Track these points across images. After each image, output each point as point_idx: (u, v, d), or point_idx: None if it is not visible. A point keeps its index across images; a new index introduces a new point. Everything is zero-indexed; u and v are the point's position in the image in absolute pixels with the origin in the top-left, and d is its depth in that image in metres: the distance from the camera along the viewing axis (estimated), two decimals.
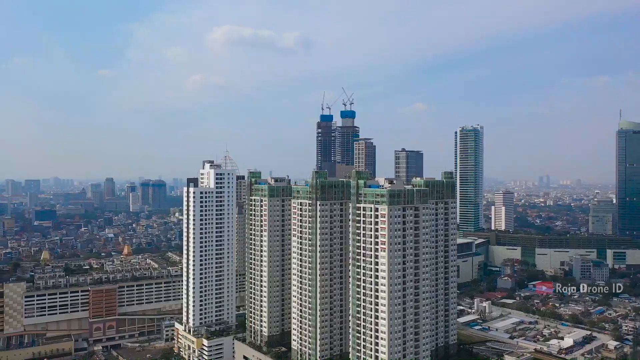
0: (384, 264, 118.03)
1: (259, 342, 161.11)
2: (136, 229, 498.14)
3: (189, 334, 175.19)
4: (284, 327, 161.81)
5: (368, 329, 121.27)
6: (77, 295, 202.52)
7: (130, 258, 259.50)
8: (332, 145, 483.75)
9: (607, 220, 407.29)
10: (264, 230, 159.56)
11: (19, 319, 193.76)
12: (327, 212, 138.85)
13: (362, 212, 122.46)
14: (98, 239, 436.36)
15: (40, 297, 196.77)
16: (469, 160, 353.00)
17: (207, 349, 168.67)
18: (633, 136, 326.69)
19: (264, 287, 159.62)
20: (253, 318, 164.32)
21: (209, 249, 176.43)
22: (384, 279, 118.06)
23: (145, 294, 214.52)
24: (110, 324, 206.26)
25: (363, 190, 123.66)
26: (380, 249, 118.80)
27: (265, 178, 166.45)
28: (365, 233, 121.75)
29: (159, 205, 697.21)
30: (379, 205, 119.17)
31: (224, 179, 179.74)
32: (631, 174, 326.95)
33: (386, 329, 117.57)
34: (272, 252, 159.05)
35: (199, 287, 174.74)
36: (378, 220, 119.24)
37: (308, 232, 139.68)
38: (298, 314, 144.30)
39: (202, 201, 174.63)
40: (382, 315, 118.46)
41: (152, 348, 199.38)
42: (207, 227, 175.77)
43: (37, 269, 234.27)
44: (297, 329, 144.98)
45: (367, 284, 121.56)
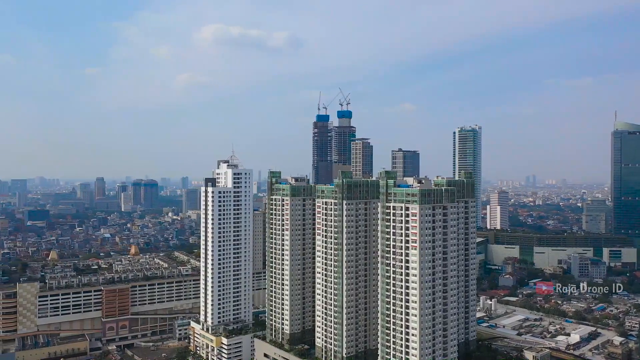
0: (414, 262, 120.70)
1: (280, 340, 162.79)
2: (131, 229, 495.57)
3: (207, 333, 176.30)
4: (305, 324, 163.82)
5: (398, 325, 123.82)
6: (90, 295, 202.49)
7: (137, 258, 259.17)
8: (328, 145, 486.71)
9: (601, 219, 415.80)
10: (286, 229, 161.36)
11: (32, 319, 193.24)
12: (352, 211, 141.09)
13: (392, 211, 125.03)
14: (95, 239, 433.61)
15: (54, 297, 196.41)
16: (468, 160, 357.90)
17: (227, 348, 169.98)
18: (628, 137, 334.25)
19: (286, 285, 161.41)
20: (274, 316, 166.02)
21: (227, 248, 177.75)
22: (414, 277, 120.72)
23: (157, 293, 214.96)
24: (123, 323, 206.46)
25: (393, 189, 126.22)
26: (412, 247, 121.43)
27: (285, 177, 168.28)
28: (395, 232, 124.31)
29: (150, 205, 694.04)
30: (410, 205, 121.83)
31: (241, 178, 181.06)
32: (627, 174, 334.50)
33: (417, 325, 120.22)
34: (293, 251, 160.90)
35: (217, 286, 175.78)
36: (409, 219, 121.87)
37: (334, 231, 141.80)
38: (322, 311, 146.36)
39: (221, 201, 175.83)
40: (413, 312, 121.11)
41: (166, 347, 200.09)
42: (225, 226, 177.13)
43: (47, 269, 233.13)
44: (321, 326, 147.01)
45: (397, 282, 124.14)
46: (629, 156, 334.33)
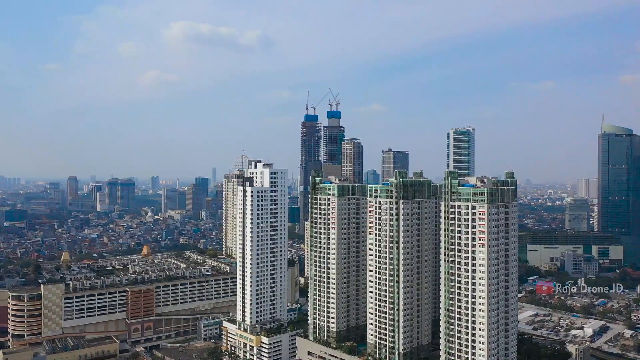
0: (482, 259, 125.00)
1: (326, 338, 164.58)
2: (115, 229, 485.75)
3: (245, 332, 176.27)
4: (349, 322, 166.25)
5: (464, 321, 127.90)
6: (115, 296, 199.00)
7: (150, 258, 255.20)
8: (317, 145, 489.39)
9: (583, 218, 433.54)
10: (332, 228, 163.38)
11: (57, 321, 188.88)
12: (409, 210, 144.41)
13: (458, 210, 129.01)
14: (81, 240, 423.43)
15: (79, 299, 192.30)
16: (463, 161, 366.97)
17: (267, 347, 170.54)
18: (615, 139, 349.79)
19: (332, 283, 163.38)
20: (318, 314, 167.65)
21: (265, 247, 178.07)
22: (482, 273, 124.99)
23: (180, 293, 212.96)
24: (148, 324, 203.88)
25: (457, 189, 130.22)
26: (479, 244, 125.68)
27: (331, 177, 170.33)
28: (461, 230, 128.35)
29: (127, 205, 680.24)
30: (477, 204, 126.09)
31: (277, 177, 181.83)
32: (613, 175, 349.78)
33: (485, 321, 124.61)
34: (340, 250, 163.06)
35: (256, 285, 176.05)
36: (475, 218, 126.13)
37: (390, 230, 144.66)
38: (375, 308, 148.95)
39: (259, 200, 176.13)
40: (481, 307, 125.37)
41: (193, 348, 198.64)
42: (263, 225, 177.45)
43: (63, 270, 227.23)
44: (374, 323, 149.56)
45: (462, 278, 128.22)
46: (615, 158, 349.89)
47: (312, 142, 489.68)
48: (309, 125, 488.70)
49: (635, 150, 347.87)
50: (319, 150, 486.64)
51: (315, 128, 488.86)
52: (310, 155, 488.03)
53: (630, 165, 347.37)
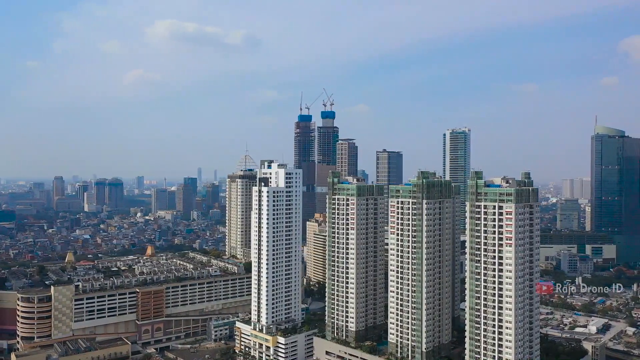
0: (509, 259, 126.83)
1: (344, 338, 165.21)
2: (107, 230, 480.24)
3: (261, 332, 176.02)
4: (367, 322, 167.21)
5: (490, 320, 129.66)
6: (125, 298, 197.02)
7: (154, 259, 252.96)
8: (310, 145, 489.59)
9: (574, 218, 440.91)
10: (351, 228, 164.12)
11: (68, 323, 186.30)
12: (431, 210, 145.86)
13: (484, 210, 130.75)
14: (74, 241, 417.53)
15: (90, 300, 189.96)
16: (459, 161, 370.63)
17: (284, 347, 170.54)
18: (608, 140, 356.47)
19: (351, 283, 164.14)
20: (336, 314, 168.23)
21: (280, 248, 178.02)
22: (509, 272, 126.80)
23: (189, 294, 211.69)
24: (158, 325, 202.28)
25: (484, 189, 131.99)
26: (506, 244, 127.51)
27: (349, 178, 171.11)
28: (487, 230, 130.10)
29: (116, 206, 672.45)
30: (504, 204, 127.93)
31: (292, 178, 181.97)
32: (606, 175, 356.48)
33: (512, 319, 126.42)
34: (359, 250, 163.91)
35: (272, 285, 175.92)
36: (502, 218, 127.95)
37: (412, 230, 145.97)
38: (397, 308, 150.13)
39: (275, 200, 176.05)
40: (508, 306, 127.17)
41: (204, 349, 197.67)
42: (278, 225, 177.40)
43: (70, 271, 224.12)
44: (395, 322, 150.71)
45: (488, 277, 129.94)
46: (608, 159, 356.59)
47: (306, 142, 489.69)
48: (303, 126, 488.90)
49: (627, 151, 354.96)
50: (313, 150, 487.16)
51: (309, 128, 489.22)
52: (304, 156, 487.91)
53: (622, 166, 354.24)
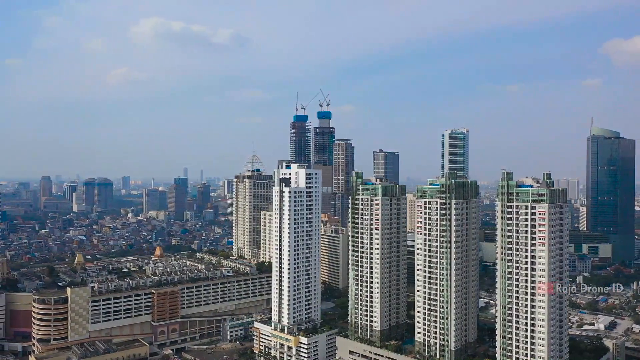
0: (542, 258, 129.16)
1: (368, 337, 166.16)
2: (101, 230, 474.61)
3: (282, 333, 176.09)
4: (391, 321, 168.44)
5: (522, 318, 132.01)
6: (141, 299, 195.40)
7: (163, 259, 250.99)
8: (307, 145, 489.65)
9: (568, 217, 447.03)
10: (376, 228, 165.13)
11: (84, 325, 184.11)
12: (459, 210, 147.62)
13: (516, 210, 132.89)
14: (69, 241, 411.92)
15: (106, 302, 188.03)
16: (458, 162, 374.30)
17: (306, 347, 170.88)
18: (604, 141, 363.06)
19: (376, 283, 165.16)
20: (359, 314, 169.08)
21: (301, 248, 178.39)
22: (542, 272, 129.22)
23: (203, 295, 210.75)
24: (174, 327, 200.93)
25: (516, 189, 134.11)
26: (539, 243, 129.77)
27: (368, 178, 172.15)
28: (519, 230, 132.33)
29: (105, 206, 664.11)
30: (537, 204, 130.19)
31: (312, 178, 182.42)
32: (602, 176, 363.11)
33: (545, 317, 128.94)
34: (384, 250, 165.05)
35: (294, 285, 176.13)
36: (535, 218, 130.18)
37: (441, 230, 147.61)
38: (424, 307, 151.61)
39: (296, 201, 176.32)
40: (541, 304, 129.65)
41: (221, 349, 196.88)
42: (299, 225, 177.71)
43: (81, 273, 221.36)
44: (422, 322, 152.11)
45: (520, 277, 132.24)
46: (604, 159, 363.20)
47: (302, 142, 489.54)
48: (299, 126, 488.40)
49: (622, 152, 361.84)
50: (309, 150, 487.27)
51: (305, 128, 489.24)
52: (300, 156, 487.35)
53: (617, 166, 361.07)
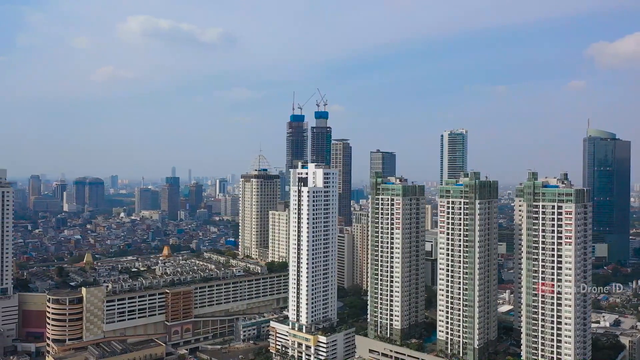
0: (569, 257, 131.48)
1: (389, 336, 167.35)
2: (96, 230, 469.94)
3: (301, 332, 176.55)
4: (410, 320, 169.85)
5: (548, 316, 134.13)
6: (155, 298, 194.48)
7: (171, 259, 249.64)
8: (304, 145, 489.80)
9: None
10: (397, 227, 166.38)
11: (99, 325, 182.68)
12: (483, 210, 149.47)
13: (542, 210, 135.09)
14: (66, 241, 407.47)
15: (121, 302, 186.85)
16: (457, 162, 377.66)
17: (325, 346, 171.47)
18: (600, 143, 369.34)
19: (396, 282, 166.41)
20: (380, 312, 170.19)
21: (319, 247, 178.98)
22: (569, 270, 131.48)
23: (215, 295, 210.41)
24: (187, 326, 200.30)
25: (542, 189, 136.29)
26: (565, 242, 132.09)
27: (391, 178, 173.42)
28: (546, 229, 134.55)
29: (96, 205, 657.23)
30: (563, 204, 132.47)
31: (329, 178, 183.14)
32: (598, 177, 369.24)
33: (572, 315, 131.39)
34: (404, 249, 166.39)
35: (312, 285, 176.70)
36: (562, 217, 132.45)
37: (464, 229, 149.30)
38: (447, 305, 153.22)
39: (315, 200, 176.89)
40: (567, 302, 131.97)
41: (235, 349, 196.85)
42: (317, 225, 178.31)
43: (92, 272, 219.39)
44: (444, 320, 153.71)
45: (546, 275, 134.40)
46: (600, 160, 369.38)
47: (299, 142, 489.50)
48: (296, 126, 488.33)
49: (617, 153, 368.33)
50: (306, 150, 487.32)
51: (302, 128, 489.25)
52: (297, 156, 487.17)
53: (613, 167, 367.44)
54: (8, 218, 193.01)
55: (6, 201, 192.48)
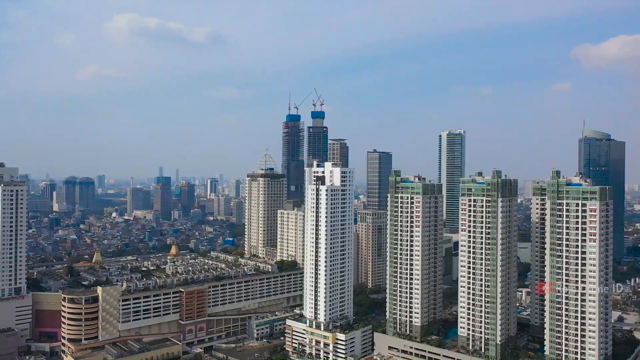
0: (593, 253, 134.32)
1: (408, 332, 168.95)
2: (91, 230, 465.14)
3: (319, 330, 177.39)
4: (429, 316, 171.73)
5: (572, 312, 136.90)
6: (169, 297, 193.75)
7: (179, 258, 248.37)
8: (299, 145, 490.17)
9: None
10: (417, 225, 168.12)
11: (115, 324, 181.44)
12: (504, 207, 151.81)
13: (566, 207, 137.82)
14: (62, 241, 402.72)
15: (136, 301, 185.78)
16: (456, 162, 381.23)
17: (344, 343, 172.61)
18: (596, 143, 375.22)
19: (416, 279, 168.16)
20: (399, 310, 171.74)
21: (336, 245, 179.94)
22: (593, 266, 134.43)
23: (227, 294, 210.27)
24: (201, 325, 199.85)
25: (566, 187, 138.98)
26: (589, 239, 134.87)
27: (408, 176, 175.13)
28: (569, 226, 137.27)
29: (87, 205, 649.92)
30: (587, 201, 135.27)
31: (346, 176, 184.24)
32: (594, 177, 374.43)
33: (596, 311, 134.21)
34: (424, 247, 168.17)
35: (330, 283, 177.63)
36: (586, 215, 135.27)
37: (487, 227, 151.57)
38: (468, 302, 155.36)
39: (333, 199, 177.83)
40: (591, 298, 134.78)
41: (249, 347, 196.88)
42: (335, 223, 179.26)
43: (103, 272, 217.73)
44: (466, 317, 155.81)
45: (570, 272, 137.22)
46: (595, 160, 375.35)
47: (295, 142, 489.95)
48: (292, 125, 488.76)
49: (613, 154, 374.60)
50: (302, 150, 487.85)
51: (298, 128, 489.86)
52: (293, 155, 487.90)
53: (608, 167, 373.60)
54: (22, 216, 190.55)
55: (20, 199, 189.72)
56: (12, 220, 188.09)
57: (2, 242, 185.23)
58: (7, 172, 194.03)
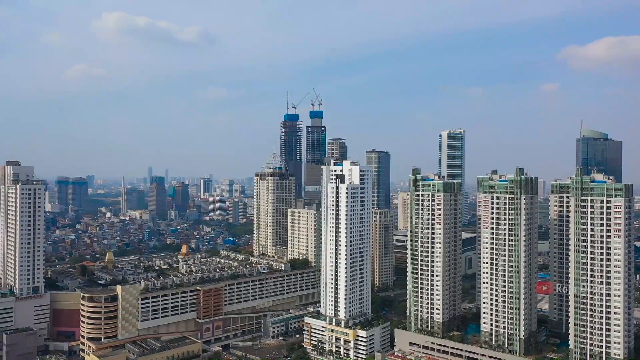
0: (618, 249, 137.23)
1: (429, 329, 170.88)
2: (88, 230, 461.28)
3: (339, 327, 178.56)
4: (449, 312, 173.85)
5: (597, 307, 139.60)
6: (187, 296, 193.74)
7: (190, 257, 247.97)
8: (298, 144, 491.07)
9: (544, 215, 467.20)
10: (438, 223, 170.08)
11: (134, 323, 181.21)
12: (527, 205, 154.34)
13: (590, 204, 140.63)
14: (61, 241, 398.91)
15: (155, 299, 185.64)
16: (456, 161, 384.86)
17: (364, 340, 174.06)
18: (593, 142, 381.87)
19: (437, 276, 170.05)
20: (420, 306, 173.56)
21: (355, 243, 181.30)
22: (618, 262, 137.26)
23: (243, 292, 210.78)
24: (218, 323, 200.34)
25: (590, 184, 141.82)
26: (614, 235, 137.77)
27: (428, 174, 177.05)
28: (594, 222, 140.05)
29: (80, 205, 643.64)
30: (612, 198, 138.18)
31: (365, 175, 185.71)
32: None
33: (621, 305, 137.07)
34: (445, 244, 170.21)
35: (350, 280, 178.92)
36: (611, 211, 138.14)
37: (509, 224, 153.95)
38: (490, 298, 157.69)
39: (353, 197, 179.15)
40: (616, 293, 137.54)
41: (266, 345, 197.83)
42: (355, 221, 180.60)
43: (117, 271, 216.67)
44: (488, 312, 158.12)
45: (595, 267, 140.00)
46: (593, 160, 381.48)
47: (293, 141, 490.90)
48: (290, 125, 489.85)
49: (610, 153, 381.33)
50: (300, 149, 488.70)
51: (296, 127, 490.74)
52: (291, 155, 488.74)
53: (606, 166, 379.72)
54: (40, 215, 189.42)
55: (37, 199, 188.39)
56: (30, 219, 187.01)
57: (20, 242, 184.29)
58: (23, 170, 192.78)
